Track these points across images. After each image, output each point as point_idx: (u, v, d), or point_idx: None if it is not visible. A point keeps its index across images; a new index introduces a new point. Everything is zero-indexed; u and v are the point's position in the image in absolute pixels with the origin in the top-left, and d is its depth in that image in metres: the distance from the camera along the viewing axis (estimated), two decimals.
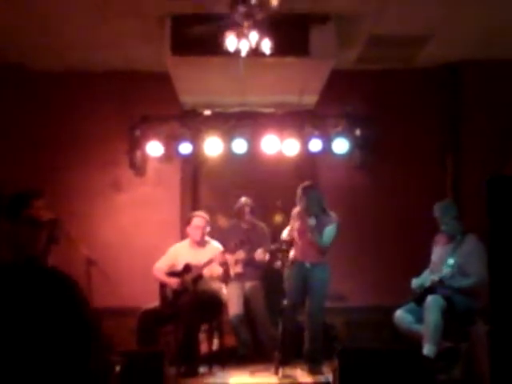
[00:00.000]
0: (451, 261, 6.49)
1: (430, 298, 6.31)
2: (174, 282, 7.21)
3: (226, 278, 7.40)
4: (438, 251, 6.82)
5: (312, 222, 6.97)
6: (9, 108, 8.19)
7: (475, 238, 6.50)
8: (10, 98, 8.20)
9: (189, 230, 7.55)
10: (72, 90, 8.53)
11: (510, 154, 7.97)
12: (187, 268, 7.20)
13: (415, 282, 6.67)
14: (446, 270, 6.44)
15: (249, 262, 7.60)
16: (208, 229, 7.56)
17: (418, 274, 6.82)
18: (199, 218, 7.50)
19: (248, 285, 7.70)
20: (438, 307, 6.24)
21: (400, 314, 6.57)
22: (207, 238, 7.54)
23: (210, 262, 7.17)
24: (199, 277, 7.16)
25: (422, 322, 6.33)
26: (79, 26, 7.06)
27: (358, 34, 7.30)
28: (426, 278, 6.67)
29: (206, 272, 7.21)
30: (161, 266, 7.41)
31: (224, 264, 7.28)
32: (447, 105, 8.55)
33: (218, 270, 7.28)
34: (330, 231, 7.04)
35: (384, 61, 8.21)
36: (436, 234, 6.96)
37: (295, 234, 7.16)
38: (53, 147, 8.45)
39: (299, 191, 7.13)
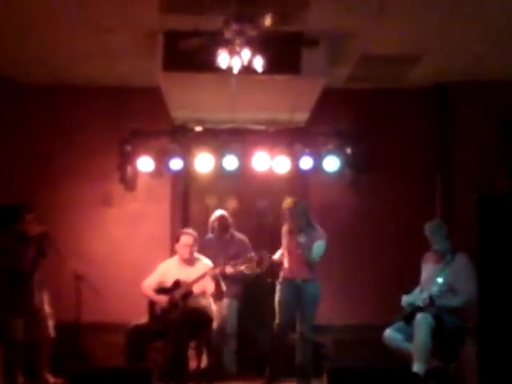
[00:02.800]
0: (440, 279, 6.50)
1: (419, 317, 6.31)
2: (162, 300, 7.17)
3: (218, 295, 7.31)
4: (427, 269, 6.82)
5: (302, 239, 6.96)
6: None
7: (465, 257, 6.51)
8: (0, 111, 8.18)
9: (177, 247, 7.52)
10: (62, 104, 8.52)
11: (498, 173, 8.02)
12: (177, 284, 7.17)
13: (405, 300, 6.66)
14: (434, 289, 6.45)
15: (224, 276, 7.53)
16: (196, 245, 7.53)
17: (407, 291, 6.82)
18: (187, 236, 7.45)
19: (225, 302, 7.67)
20: (427, 326, 6.24)
21: (389, 333, 6.56)
22: (196, 255, 7.51)
23: (201, 278, 7.14)
24: (189, 293, 7.13)
25: (411, 341, 6.32)
26: (70, 40, 7.06)
27: (348, 53, 7.33)
28: (416, 296, 6.67)
29: (196, 288, 7.18)
30: (150, 283, 7.37)
31: (215, 279, 7.23)
32: (437, 124, 8.60)
33: (210, 286, 7.23)
34: (319, 247, 7.02)
35: (375, 80, 8.26)
36: (425, 252, 6.96)
37: (284, 251, 7.15)
38: (42, 161, 8.43)
39: (284, 208, 7.14)
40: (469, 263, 6.37)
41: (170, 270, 7.41)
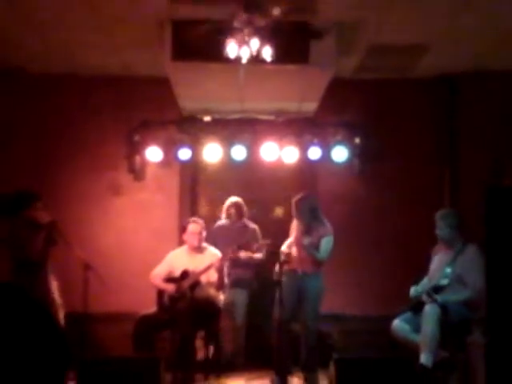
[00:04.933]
0: (449, 270, 6.47)
1: (427, 307, 6.29)
2: (170, 287, 7.20)
3: (220, 285, 7.36)
4: (436, 260, 6.80)
5: (306, 241, 6.97)
6: (8, 111, 8.20)
7: (475, 249, 6.47)
8: (9, 101, 8.20)
9: (185, 237, 7.55)
10: (71, 94, 8.53)
11: (506, 164, 7.99)
12: (185, 274, 7.19)
13: (414, 290, 6.65)
14: (442, 280, 6.44)
15: (236, 262, 7.54)
16: (204, 234, 7.56)
17: (415, 282, 6.80)
18: (195, 224, 7.51)
19: (234, 292, 7.69)
20: (435, 316, 6.22)
21: (397, 324, 6.54)
22: (204, 244, 7.54)
23: (208, 268, 7.16)
24: (196, 283, 7.15)
25: (419, 332, 6.31)
26: (78, 31, 7.06)
27: (357, 42, 7.31)
28: (425, 286, 6.65)
29: (203, 278, 7.20)
30: (158, 273, 7.40)
31: (221, 271, 7.27)
32: (445, 115, 8.57)
33: (214, 276, 7.28)
34: (326, 244, 7.02)
35: (383, 70, 8.23)
36: (433, 242, 6.94)
37: (293, 245, 7.16)
38: (52, 151, 8.45)
39: (292, 204, 7.15)
40: (479, 255, 6.32)
41: (178, 260, 7.44)
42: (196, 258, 7.39)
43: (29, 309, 3.48)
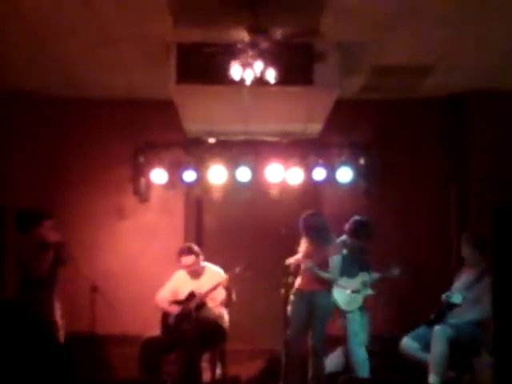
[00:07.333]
0: (464, 292, 6.44)
1: (437, 328, 6.27)
2: (174, 309, 7.18)
3: (228, 302, 7.32)
4: (461, 278, 6.78)
5: (308, 265, 6.97)
6: (15, 134, 8.21)
7: None
8: (13, 123, 8.22)
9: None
10: (77, 117, 8.57)
11: None
12: (191, 296, 7.17)
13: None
14: (456, 299, 6.41)
15: None
16: (201, 258, 7.47)
17: (421, 302, 6.77)
18: (185, 258, 7.39)
19: None
20: (445, 338, 6.20)
21: (406, 342, 6.51)
22: (203, 264, 7.46)
23: (215, 288, 7.13)
24: (202, 304, 7.13)
25: (428, 350, 6.28)
26: (84, 53, 7.11)
27: (362, 63, 7.33)
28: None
29: (209, 299, 7.17)
30: (163, 296, 7.37)
31: (228, 288, 7.24)
32: (451, 135, 8.57)
33: (221, 294, 7.24)
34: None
35: (388, 90, 8.25)
36: (440, 262, 6.92)
37: (301, 261, 7.15)
38: (57, 173, 8.48)
39: (300, 221, 7.15)
40: None
41: (182, 281, 7.42)
42: (197, 281, 7.36)
43: (32, 327, 3.47)
